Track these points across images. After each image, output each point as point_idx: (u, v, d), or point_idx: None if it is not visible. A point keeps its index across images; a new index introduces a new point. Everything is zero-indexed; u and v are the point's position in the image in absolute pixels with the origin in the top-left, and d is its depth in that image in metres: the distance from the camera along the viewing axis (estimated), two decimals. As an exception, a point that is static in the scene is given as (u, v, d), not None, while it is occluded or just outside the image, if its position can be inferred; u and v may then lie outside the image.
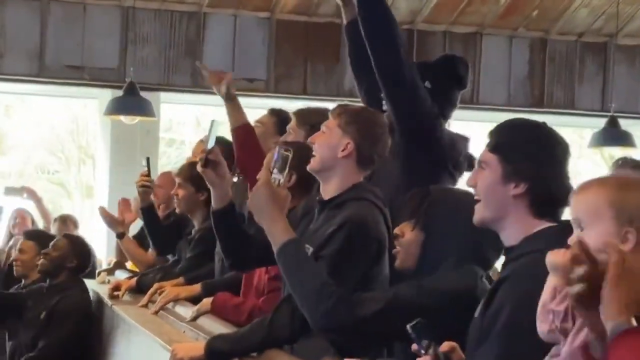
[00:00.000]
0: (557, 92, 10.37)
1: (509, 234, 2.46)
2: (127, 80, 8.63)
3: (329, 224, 3.07)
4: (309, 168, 3.20)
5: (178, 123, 15.94)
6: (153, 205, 5.48)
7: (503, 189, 2.45)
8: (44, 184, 15.60)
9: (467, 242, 2.83)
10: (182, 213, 5.12)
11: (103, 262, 7.92)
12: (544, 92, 10.35)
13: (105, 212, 5.78)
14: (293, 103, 8.24)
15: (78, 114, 15.44)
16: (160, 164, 10.43)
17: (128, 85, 8.53)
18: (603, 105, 10.27)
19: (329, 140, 3.16)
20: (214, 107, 10.35)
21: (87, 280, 5.92)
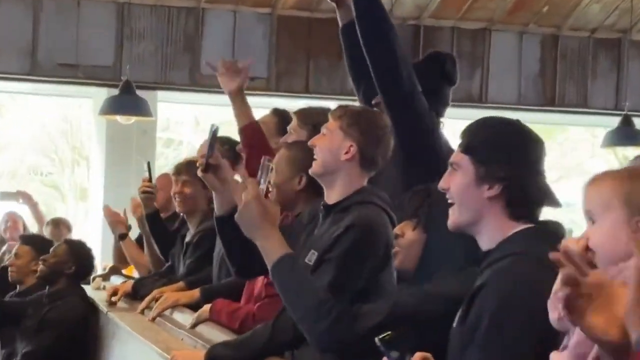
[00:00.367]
0: (569, 90, 10.25)
1: (486, 238, 2.43)
2: (122, 79, 8.56)
3: (336, 227, 3.04)
4: (311, 172, 3.18)
5: (176, 122, 15.93)
6: (157, 211, 5.43)
7: (477, 191, 2.41)
8: (37, 186, 15.57)
9: (468, 242, 2.68)
10: (182, 213, 5.04)
11: (98, 267, 7.78)
12: (556, 90, 10.21)
13: (110, 211, 5.81)
14: (295, 101, 8.24)
15: (72, 114, 15.37)
16: (158, 165, 10.42)
17: (124, 84, 8.47)
18: (617, 104, 10.20)
19: (331, 143, 3.13)
20: (213, 106, 10.26)
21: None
